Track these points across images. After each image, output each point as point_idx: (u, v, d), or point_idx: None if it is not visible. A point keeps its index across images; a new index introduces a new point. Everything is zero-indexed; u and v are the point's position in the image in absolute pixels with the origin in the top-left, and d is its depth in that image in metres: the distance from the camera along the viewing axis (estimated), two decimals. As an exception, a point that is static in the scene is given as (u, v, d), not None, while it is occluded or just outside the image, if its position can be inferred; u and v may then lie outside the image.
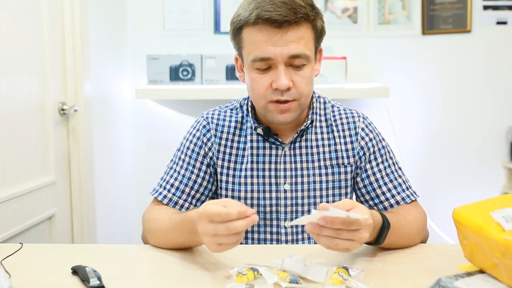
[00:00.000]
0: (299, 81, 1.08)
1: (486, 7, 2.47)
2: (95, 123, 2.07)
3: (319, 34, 1.12)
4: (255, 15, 1.04)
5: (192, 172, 1.18)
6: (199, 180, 1.18)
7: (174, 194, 1.17)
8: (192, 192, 1.18)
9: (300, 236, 1.18)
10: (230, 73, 2.39)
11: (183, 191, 1.17)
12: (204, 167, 1.19)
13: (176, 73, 2.40)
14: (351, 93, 2.29)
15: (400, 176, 1.19)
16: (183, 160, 1.20)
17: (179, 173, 1.19)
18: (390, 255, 1.01)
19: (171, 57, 2.40)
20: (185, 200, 1.17)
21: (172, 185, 1.18)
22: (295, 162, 1.18)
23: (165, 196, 1.17)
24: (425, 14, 2.49)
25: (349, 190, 1.20)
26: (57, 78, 1.80)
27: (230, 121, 1.22)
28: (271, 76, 1.07)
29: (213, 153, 1.20)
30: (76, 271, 0.90)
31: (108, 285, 0.85)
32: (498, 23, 2.48)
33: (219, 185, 1.21)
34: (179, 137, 1.27)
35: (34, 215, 1.66)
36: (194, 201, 1.18)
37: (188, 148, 1.21)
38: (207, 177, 1.19)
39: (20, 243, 1.06)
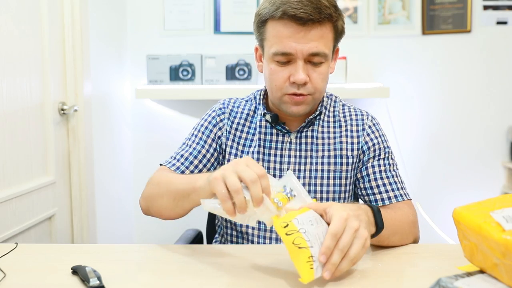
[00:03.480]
0: (316, 77, 1.13)
1: (486, 7, 2.47)
2: (95, 123, 2.07)
3: (339, 34, 1.17)
4: (281, 11, 1.08)
5: (202, 147, 1.25)
6: (208, 155, 1.24)
7: (182, 164, 1.22)
8: (200, 166, 1.23)
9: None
10: (230, 73, 2.39)
11: (191, 162, 1.22)
12: (214, 144, 1.26)
13: (176, 73, 2.40)
14: (351, 93, 2.29)
15: (396, 176, 1.23)
16: (196, 136, 1.27)
17: (190, 146, 1.25)
18: (390, 255, 1.01)
19: (171, 57, 2.40)
20: (191, 172, 1.21)
21: (181, 156, 1.23)
22: (300, 150, 1.23)
23: (173, 164, 1.22)
24: (425, 14, 2.49)
25: (348, 181, 1.23)
26: (57, 78, 1.80)
27: (243, 109, 1.30)
28: (290, 70, 1.13)
29: (223, 134, 1.27)
30: (76, 271, 0.90)
31: (108, 285, 0.85)
32: (498, 23, 2.48)
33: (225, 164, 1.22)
34: (179, 137, 1.29)
35: (34, 215, 1.66)
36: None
37: (202, 125, 1.28)
38: (215, 154, 1.26)
39: (15, 243, 1.06)
